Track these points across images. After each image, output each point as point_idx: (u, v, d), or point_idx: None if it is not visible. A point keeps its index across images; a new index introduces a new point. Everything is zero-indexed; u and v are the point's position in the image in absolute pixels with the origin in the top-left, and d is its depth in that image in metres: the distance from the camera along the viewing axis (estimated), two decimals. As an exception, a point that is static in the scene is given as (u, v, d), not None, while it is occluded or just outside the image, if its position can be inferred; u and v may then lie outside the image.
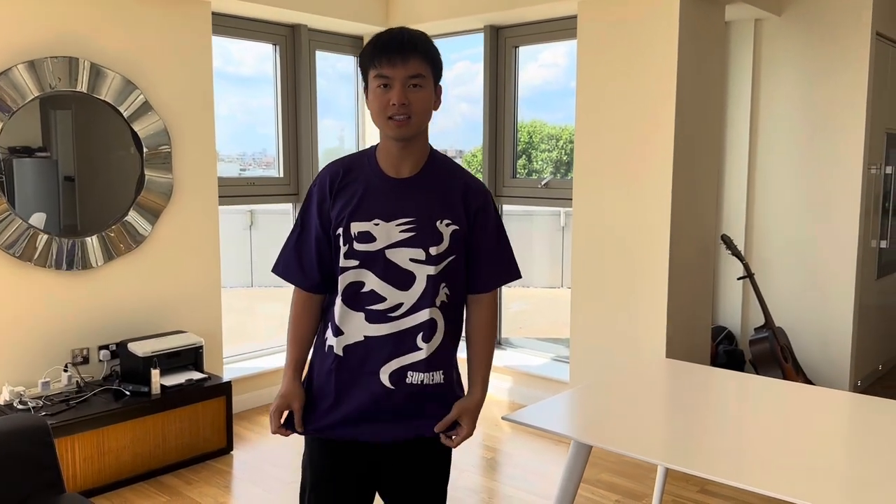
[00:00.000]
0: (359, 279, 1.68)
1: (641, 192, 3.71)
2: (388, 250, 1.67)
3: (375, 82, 1.64)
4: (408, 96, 1.63)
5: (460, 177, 1.75)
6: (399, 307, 1.68)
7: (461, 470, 3.52)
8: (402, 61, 1.61)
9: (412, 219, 1.67)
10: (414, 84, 1.63)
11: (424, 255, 1.67)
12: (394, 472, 1.78)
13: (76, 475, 3.13)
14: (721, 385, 2.38)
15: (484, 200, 1.75)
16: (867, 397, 2.24)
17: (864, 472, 1.70)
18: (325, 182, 1.73)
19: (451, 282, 1.71)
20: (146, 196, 3.67)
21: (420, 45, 1.64)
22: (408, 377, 1.69)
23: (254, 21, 4.37)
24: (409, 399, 1.70)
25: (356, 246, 1.67)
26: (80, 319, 3.51)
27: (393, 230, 1.67)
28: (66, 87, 3.36)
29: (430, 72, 1.66)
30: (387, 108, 1.63)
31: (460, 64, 5.50)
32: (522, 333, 5.93)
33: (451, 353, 1.76)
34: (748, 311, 4.57)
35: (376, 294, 1.68)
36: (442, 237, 1.68)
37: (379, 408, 1.70)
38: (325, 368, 1.74)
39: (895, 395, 4.62)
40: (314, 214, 1.74)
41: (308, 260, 1.74)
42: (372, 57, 1.64)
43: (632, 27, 3.67)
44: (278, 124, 4.62)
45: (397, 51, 1.61)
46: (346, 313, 1.69)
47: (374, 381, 1.69)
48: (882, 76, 4.39)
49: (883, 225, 4.66)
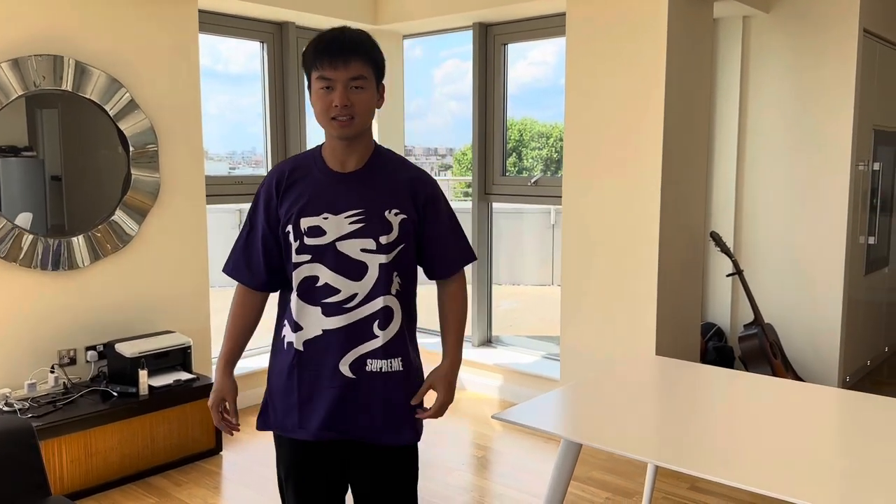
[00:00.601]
0: (312, 273, 1.71)
1: (631, 189, 3.71)
2: (338, 242, 1.70)
3: (318, 84, 1.67)
4: (350, 98, 1.66)
5: (406, 169, 1.79)
6: (353, 297, 1.71)
7: (452, 468, 3.51)
8: (344, 64, 1.64)
9: (361, 210, 1.71)
10: (356, 86, 1.66)
11: (375, 245, 1.70)
12: (362, 470, 1.81)
13: (63, 477, 3.10)
14: (711, 382, 2.38)
15: (432, 190, 1.79)
16: (856, 393, 2.25)
17: (853, 468, 1.70)
18: (272, 182, 1.76)
19: (403, 270, 1.76)
20: (133, 195, 3.64)
21: (362, 46, 1.66)
22: (367, 365, 1.73)
23: (241, 18, 4.34)
24: (370, 391, 1.73)
25: (307, 241, 1.70)
26: (67, 320, 3.48)
27: (342, 222, 1.70)
28: (50, 85, 3.32)
29: (371, 73, 1.69)
30: (329, 110, 1.66)
31: (449, 62, 5.49)
32: (513, 331, 5.93)
33: (408, 341, 1.79)
34: (737, 308, 4.58)
35: (330, 287, 1.71)
36: (391, 226, 1.71)
37: (345, 401, 1.73)
38: (287, 365, 1.76)
39: (883, 391, 4.64)
40: (261, 214, 1.77)
41: (256, 260, 1.78)
42: (314, 59, 1.66)
43: (620, 24, 3.67)
44: (266, 122, 4.60)
45: (339, 53, 1.64)
46: (303, 308, 1.73)
47: (336, 373, 1.72)
48: (869, 73, 4.41)
49: (871, 221, 4.68)
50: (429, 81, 6.03)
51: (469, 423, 4.12)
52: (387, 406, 1.75)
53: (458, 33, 4.89)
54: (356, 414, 1.74)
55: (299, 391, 1.75)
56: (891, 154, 4.99)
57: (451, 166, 10.23)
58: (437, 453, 3.69)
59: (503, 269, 7.67)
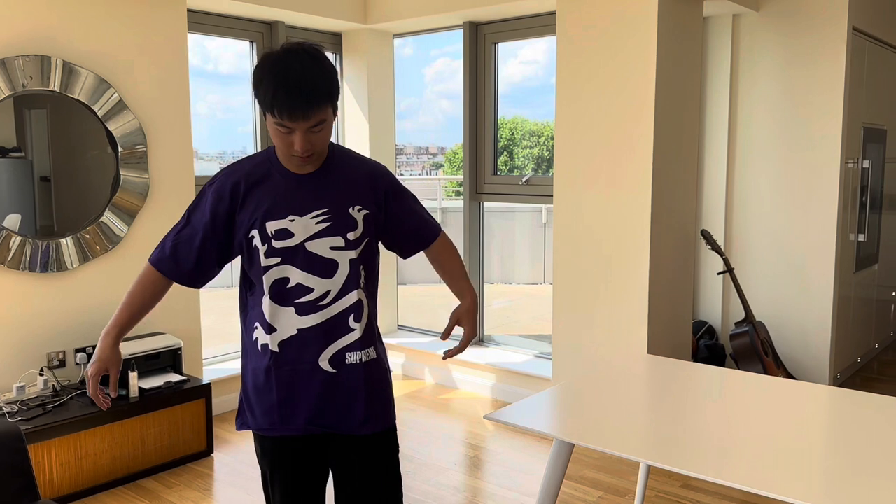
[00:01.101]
0: (283, 275, 1.73)
1: (622, 188, 3.71)
2: (307, 243, 1.72)
3: (274, 123, 1.64)
4: (310, 140, 1.65)
5: (361, 164, 1.83)
6: (327, 295, 1.74)
7: (444, 468, 3.51)
8: (304, 117, 1.61)
9: (326, 209, 1.73)
10: (316, 131, 1.65)
11: (343, 242, 1.74)
12: (347, 460, 1.83)
13: (53, 481, 3.08)
14: (702, 381, 2.38)
15: (389, 180, 1.85)
16: (847, 391, 2.25)
17: (845, 466, 1.70)
18: (227, 186, 1.74)
19: (367, 263, 1.81)
20: (122, 196, 3.62)
21: (320, 93, 1.61)
22: (346, 358, 1.77)
23: (230, 18, 4.32)
24: (352, 382, 1.77)
25: (275, 244, 1.71)
26: (56, 322, 3.46)
27: (309, 223, 1.72)
28: (38, 86, 3.30)
29: (330, 110, 1.67)
30: (289, 149, 1.67)
31: (440, 61, 5.48)
32: (505, 330, 5.93)
33: (376, 330, 1.86)
34: (728, 306, 4.59)
35: (303, 287, 1.73)
36: (356, 222, 1.75)
37: (327, 396, 1.76)
38: (262, 366, 1.77)
39: (874, 388, 4.67)
40: (206, 213, 1.74)
41: (185, 254, 1.75)
42: (272, 105, 1.60)
43: (611, 23, 3.67)
44: (255, 122, 4.58)
45: (298, 107, 1.59)
46: (276, 310, 1.74)
47: (316, 369, 1.75)
48: (858, 71, 4.43)
49: (860, 219, 4.70)
50: (419, 80, 6.02)
51: (461, 423, 4.11)
52: (368, 395, 1.80)
53: (448, 32, 4.88)
54: (339, 407, 1.77)
55: (278, 391, 1.76)
56: (880, 151, 5.01)
57: (442, 165, 10.23)
58: (429, 453, 3.68)
59: (495, 268, 7.67)
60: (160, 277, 1.78)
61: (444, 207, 8.39)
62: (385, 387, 1.85)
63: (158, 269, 1.77)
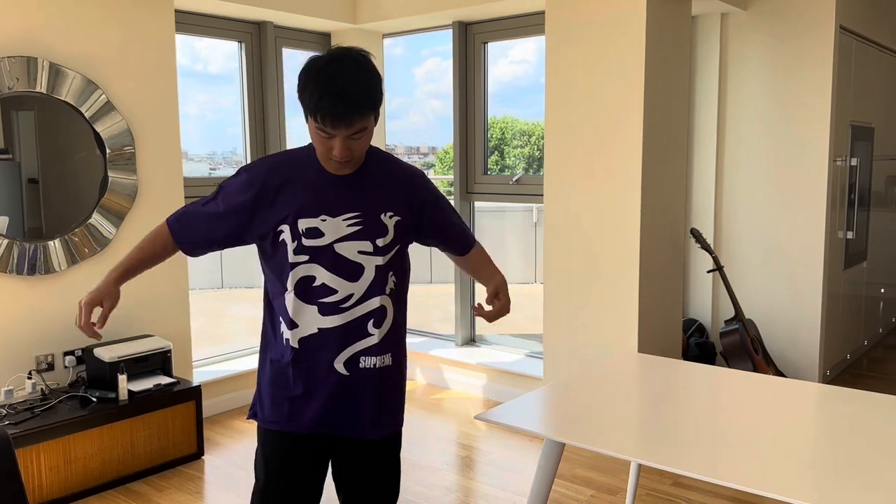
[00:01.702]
0: (310, 273, 1.73)
1: (611, 187, 3.72)
2: (336, 244, 1.72)
3: (316, 127, 1.65)
4: (350, 146, 1.66)
5: (398, 169, 1.83)
6: (350, 297, 1.74)
7: (436, 469, 3.50)
8: (347, 125, 1.62)
9: (358, 213, 1.73)
10: (356, 138, 1.66)
11: (372, 247, 1.74)
12: (350, 463, 1.84)
13: (42, 485, 3.06)
14: (693, 379, 2.38)
15: (426, 188, 1.85)
16: (836, 388, 2.26)
17: (835, 463, 1.71)
18: (261, 177, 1.74)
19: (397, 270, 1.80)
20: (110, 198, 3.59)
21: (365, 102, 1.62)
22: (361, 362, 1.76)
23: (218, 18, 4.30)
24: (364, 386, 1.77)
25: (305, 242, 1.71)
26: (45, 325, 3.43)
27: (340, 225, 1.72)
28: (24, 87, 3.27)
29: (372, 118, 1.67)
30: (328, 153, 1.67)
31: (431, 60, 5.47)
32: (496, 330, 5.92)
33: (399, 337, 1.84)
34: (718, 304, 4.61)
35: (327, 287, 1.73)
36: (387, 229, 1.75)
37: (339, 398, 1.76)
38: (281, 359, 1.78)
39: (863, 384, 4.69)
40: (234, 196, 1.75)
41: (198, 226, 1.78)
42: (315, 110, 1.61)
43: (599, 22, 3.67)
44: (245, 123, 4.56)
45: (342, 116, 1.60)
46: (300, 307, 1.74)
47: (331, 370, 1.75)
48: (846, 69, 4.45)
49: (849, 216, 4.72)
50: (410, 80, 6.02)
51: (453, 423, 4.11)
52: (378, 401, 1.79)
53: (438, 32, 4.88)
54: (348, 410, 1.78)
55: (294, 387, 1.77)
56: (868, 149, 5.04)
57: (433, 165, 10.22)
58: (421, 453, 3.68)
59: (486, 268, 7.63)
60: (170, 239, 1.80)
61: (435, 207, 8.34)
62: (396, 393, 1.85)
63: (174, 235, 1.80)
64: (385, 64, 5.16)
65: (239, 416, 4.17)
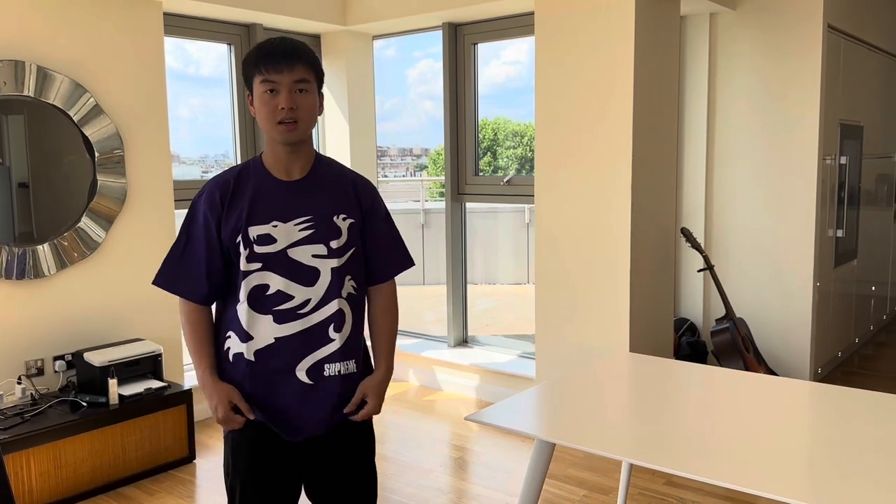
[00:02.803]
0: (263, 281, 1.71)
1: (602, 187, 3.72)
2: (289, 249, 1.71)
3: (262, 87, 1.69)
4: (295, 100, 1.68)
5: (347, 174, 1.83)
6: (307, 303, 1.72)
7: (429, 470, 3.50)
8: (288, 67, 1.67)
9: (310, 216, 1.73)
10: (300, 89, 1.69)
11: (326, 250, 1.73)
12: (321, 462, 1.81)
13: (32, 491, 3.04)
14: (684, 378, 2.39)
15: (372, 196, 1.84)
16: (828, 386, 2.27)
17: (827, 461, 1.71)
18: (215, 194, 1.74)
19: (354, 273, 1.79)
20: (99, 202, 3.58)
21: (303, 52, 1.71)
22: (325, 370, 1.75)
23: (208, 21, 4.29)
24: (328, 392, 1.75)
25: (256, 249, 1.70)
26: (34, 330, 3.41)
27: (292, 230, 1.72)
28: (11, 91, 3.26)
29: (313, 77, 1.73)
30: (275, 113, 1.68)
31: (423, 62, 5.48)
32: (489, 331, 5.93)
33: (359, 342, 1.83)
34: (709, 303, 4.62)
35: (283, 294, 1.71)
36: (340, 231, 1.75)
37: (301, 407, 1.74)
38: (237, 378, 1.74)
39: (855, 382, 4.71)
40: (201, 226, 1.74)
41: (196, 271, 1.74)
42: (257, 64, 1.69)
43: (588, 22, 3.68)
44: (235, 125, 4.55)
45: (283, 57, 1.67)
46: (253, 317, 1.71)
47: (292, 380, 1.73)
48: (834, 68, 4.47)
49: (839, 214, 4.74)
50: (403, 82, 6.01)
51: (445, 424, 4.11)
52: (341, 403, 1.79)
53: (429, 33, 4.88)
54: (311, 417, 1.76)
55: (255, 400, 1.74)
56: (857, 148, 5.06)
57: (426, 166, 10.22)
58: (413, 455, 3.67)
59: (478, 269, 7.67)
60: (191, 307, 1.76)
61: (427, 209, 8.37)
62: None
63: (177, 292, 1.75)
64: (377, 66, 5.16)
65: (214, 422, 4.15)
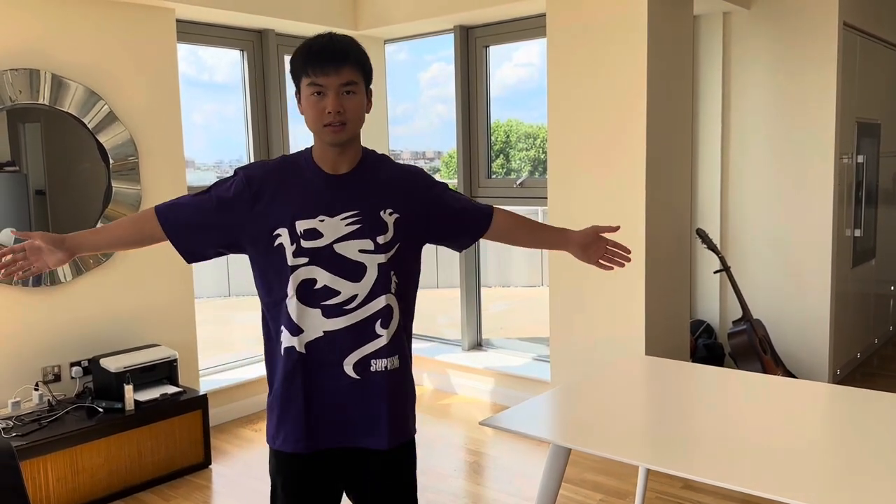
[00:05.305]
0: (310, 276, 1.70)
1: (616, 188, 3.70)
2: (336, 244, 1.70)
3: (309, 90, 1.67)
4: (342, 103, 1.66)
5: (394, 167, 1.82)
6: (354, 299, 1.71)
7: (445, 475, 3.48)
8: (336, 70, 1.65)
9: (356, 211, 1.71)
10: (347, 91, 1.67)
11: (373, 245, 1.71)
12: (365, 475, 1.79)
13: (49, 496, 3.05)
14: (701, 381, 2.36)
15: (424, 182, 1.83)
16: (847, 388, 2.24)
17: (847, 466, 1.68)
18: (257, 177, 1.73)
19: (400, 269, 1.76)
20: (114, 208, 3.60)
21: (352, 52, 1.68)
22: (372, 365, 1.73)
23: (220, 27, 4.31)
24: (374, 388, 1.73)
25: (304, 244, 1.69)
26: (51, 336, 3.44)
27: (339, 224, 1.70)
28: (27, 99, 3.28)
29: (361, 78, 1.70)
30: (322, 116, 1.67)
31: (435, 65, 5.47)
32: (503, 334, 5.91)
33: (405, 339, 1.81)
34: (726, 305, 4.57)
35: (329, 289, 1.70)
36: (387, 226, 1.73)
37: (349, 404, 1.72)
38: (288, 370, 1.73)
39: (874, 383, 4.65)
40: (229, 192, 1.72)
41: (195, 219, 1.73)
42: (304, 65, 1.67)
43: (601, 23, 3.66)
44: (248, 131, 4.56)
45: (330, 60, 1.65)
46: (303, 311, 1.71)
47: (340, 372, 1.72)
48: (850, 66, 4.42)
49: (856, 214, 4.69)
50: (415, 85, 6.02)
51: (461, 428, 4.09)
52: (391, 407, 1.75)
53: (442, 37, 4.87)
54: (360, 418, 1.73)
55: (304, 396, 1.72)
56: (874, 146, 5.00)
57: (439, 169, 10.22)
58: (429, 460, 3.66)
59: (492, 272, 7.64)
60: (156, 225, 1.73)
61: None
62: (407, 400, 1.81)
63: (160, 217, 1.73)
64: (389, 69, 5.16)
65: (246, 425, 4.16)
